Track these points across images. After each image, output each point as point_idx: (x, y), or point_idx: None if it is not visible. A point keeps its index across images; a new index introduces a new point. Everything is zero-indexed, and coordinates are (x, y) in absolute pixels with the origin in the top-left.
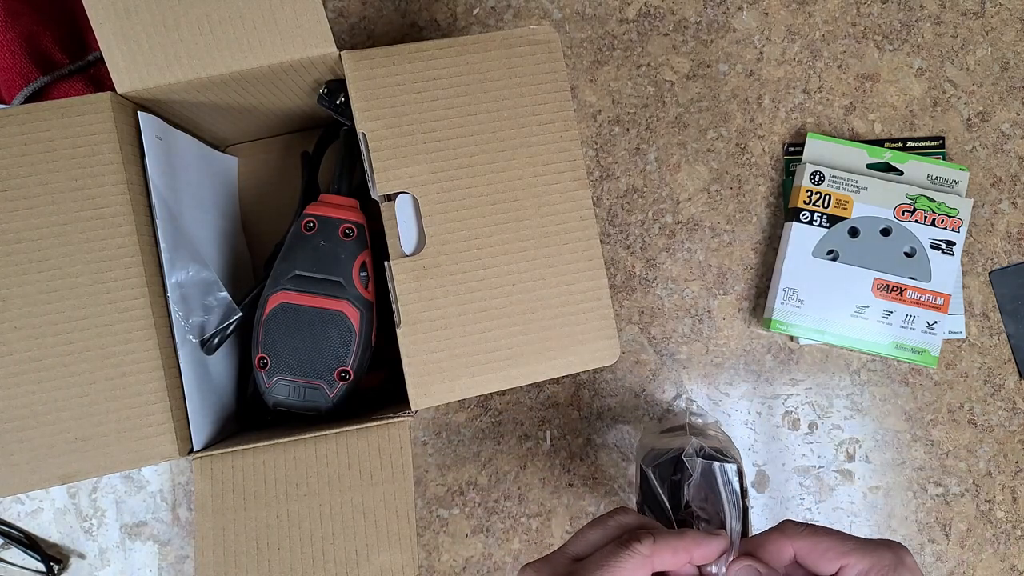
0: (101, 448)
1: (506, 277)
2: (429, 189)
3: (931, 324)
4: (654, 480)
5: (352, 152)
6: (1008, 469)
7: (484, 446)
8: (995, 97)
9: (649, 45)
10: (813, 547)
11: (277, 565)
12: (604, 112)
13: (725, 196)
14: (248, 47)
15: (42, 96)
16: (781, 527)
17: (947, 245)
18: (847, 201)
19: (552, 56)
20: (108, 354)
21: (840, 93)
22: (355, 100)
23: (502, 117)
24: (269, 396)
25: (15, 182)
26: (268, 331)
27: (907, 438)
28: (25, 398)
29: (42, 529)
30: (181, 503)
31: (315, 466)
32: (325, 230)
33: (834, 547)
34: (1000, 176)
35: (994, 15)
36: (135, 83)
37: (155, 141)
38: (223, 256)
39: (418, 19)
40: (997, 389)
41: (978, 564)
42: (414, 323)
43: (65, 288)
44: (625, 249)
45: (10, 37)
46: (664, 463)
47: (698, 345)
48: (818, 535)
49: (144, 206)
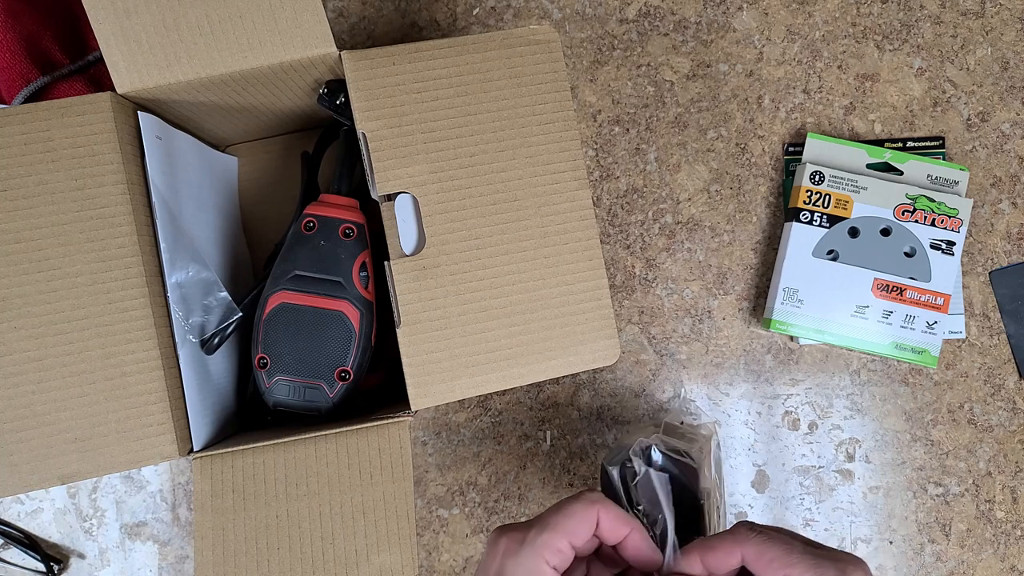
0: (101, 448)
1: (506, 277)
2: (429, 189)
3: (931, 324)
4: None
5: (352, 152)
6: (1008, 469)
7: (484, 446)
8: (995, 97)
9: (649, 45)
10: (760, 555)
11: (277, 565)
12: (604, 112)
13: (725, 196)
14: (248, 47)
15: (42, 96)
16: (734, 530)
17: (947, 245)
18: (847, 201)
19: (552, 56)
20: (108, 354)
21: (840, 93)
22: (355, 100)
23: (502, 117)
24: (269, 396)
25: (15, 182)
26: (268, 331)
27: (907, 438)
28: (25, 398)
29: (42, 529)
30: (181, 503)
31: (315, 466)
32: (325, 230)
33: (780, 557)
34: (1000, 176)
35: (994, 15)
36: (135, 83)
37: (155, 141)
38: (223, 256)
39: (418, 19)
40: (997, 389)
41: (978, 564)
42: (414, 323)
43: (65, 288)
44: (625, 249)
45: (10, 37)
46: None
47: (698, 345)
48: (767, 542)
49: (144, 206)
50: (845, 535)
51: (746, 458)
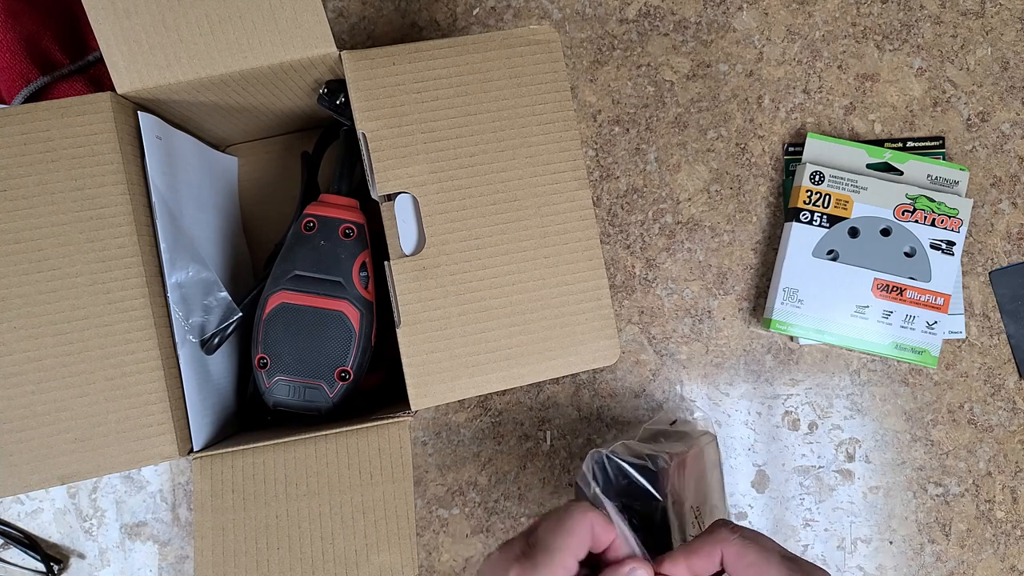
0: (101, 448)
1: (506, 277)
2: (429, 189)
3: (931, 324)
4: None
5: (352, 152)
6: (1008, 469)
7: (484, 446)
8: (995, 97)
9: (649, 45)
10: (739, 558)
11: (276, 565)
12: (604, 112)
13: (725, 196)
14: (248, 47)
15: (42, 96)
16: (712, 530)
17: (947, 245)
18: (847, 201)
19: (552, 56)
20: (108, 354)
21: (840, 93)
22: (355, 100)
23: (502, 117)
24: (269, 396)
25: (15, 182)
26: (268, 331)
27: (907, 438)
28: (25, 398)
29: (42, 529)
30: (181, 503)
31: (315, 466)
32: (325, 230)
33: (757, 563)
34: (1000, 176)
35: (994, 15)
36: (135, 83)
37: (155, 141)
38: (223, 256)
39: (418, 19)
40: (997, 389)
41: (978, 564)
42: (414, 323)
43: (65, 288)
44: (625, 249)
45: (10, 37)
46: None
47: (698, 345)
48: (746, 545)
49: (144, 206)
50: (845, 535)
51: (746, 458)
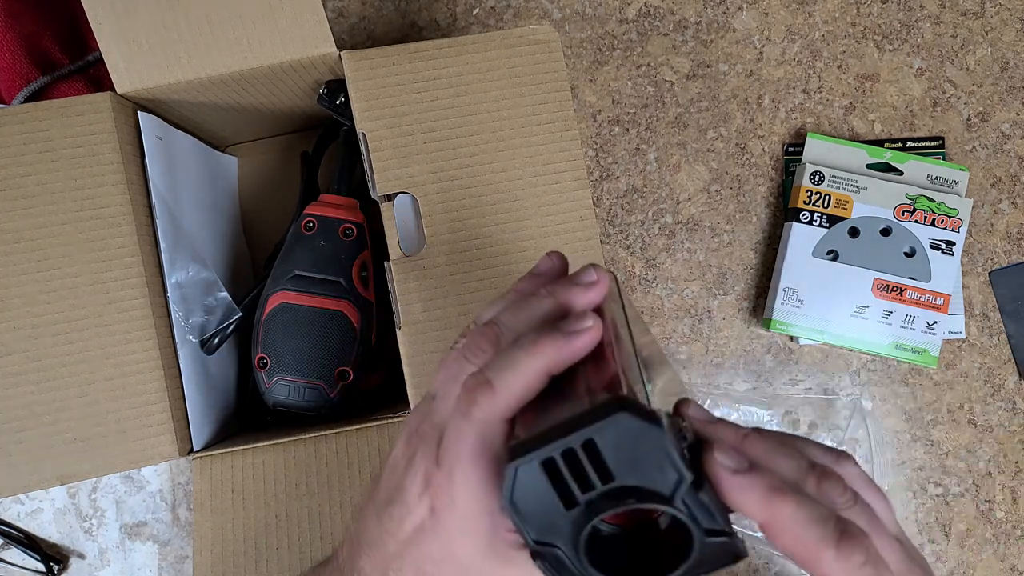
0: (100, 448)
1: (506, 277)
2: (429, 189)
3: (931, 324)
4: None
5: (352, 152)
6: (1008, 469)
7: None
8: (995, 97)
9: (649, 45)
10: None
11: (276, 565)
12: (604, 112)
13: (725, 196)
14: (248, 47)
15: (42, 96)
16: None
17: (947, 245)
18: (847, 201)
19: (552, 56)
20: (108, 354)
21: (840, 93)
22: (355, 100)
23: (502, 117)
24: (269, 396)
25: (15, 182)
26: (268, 331)
27: (907, 438)
28: (24, 398)
29: (42, 529)
30: (181, 503)
31: (315, 466)
32: (325, 230)
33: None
34: (1000, 176)
35: (994, 15)
36: (135, 83)
37: (155, 141)
38: (223, 256)
39: (418, 19)
40: (997, 389)
41: (978, 564)
42: (414, 324)
43: (65, 288)
44: (625, 249)
45: (10, 37)
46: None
47: (698, 345)
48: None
49: (144, 206)
50: None
51: None
